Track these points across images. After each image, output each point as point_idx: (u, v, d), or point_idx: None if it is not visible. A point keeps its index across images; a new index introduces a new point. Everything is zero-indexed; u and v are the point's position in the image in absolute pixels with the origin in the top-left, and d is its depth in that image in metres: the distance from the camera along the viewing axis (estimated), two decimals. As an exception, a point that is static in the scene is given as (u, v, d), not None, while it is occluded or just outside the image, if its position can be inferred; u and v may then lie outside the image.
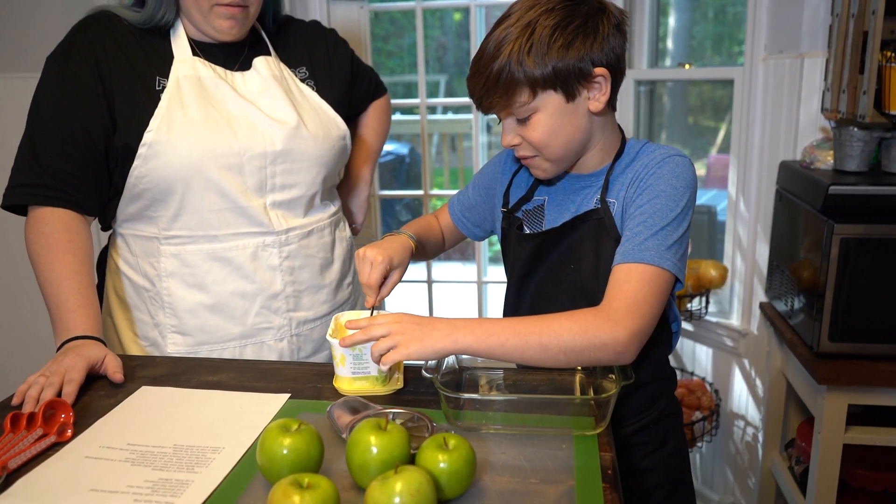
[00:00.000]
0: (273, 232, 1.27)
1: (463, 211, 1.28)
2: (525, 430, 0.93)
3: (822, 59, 1.86)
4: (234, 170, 1.22)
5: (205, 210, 1.22)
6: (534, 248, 1.11)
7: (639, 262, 0.96)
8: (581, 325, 0.92)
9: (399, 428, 0.82)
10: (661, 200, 0.99)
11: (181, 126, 1.19)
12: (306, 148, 1.28)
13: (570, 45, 0.97)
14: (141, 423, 0.97)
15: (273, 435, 0.81)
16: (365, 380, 1.03)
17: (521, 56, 0.96)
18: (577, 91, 1.00)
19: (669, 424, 1.16)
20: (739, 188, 2.12)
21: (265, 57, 1.31)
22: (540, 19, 0.97)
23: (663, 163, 1.02)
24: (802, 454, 1.86)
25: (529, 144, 1.04)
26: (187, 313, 1.26)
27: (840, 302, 1.60)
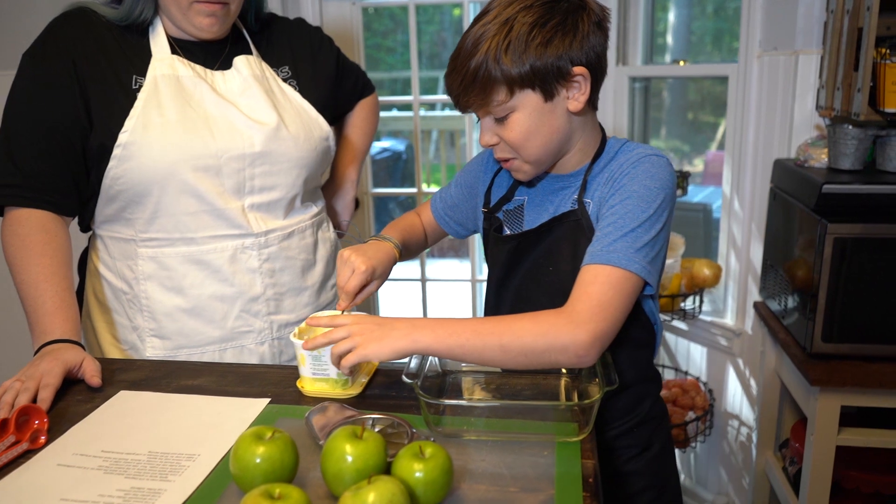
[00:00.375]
0: (252, 234, 1.25)
1: (445, 209, 1.26)
2: (507, 437, 0.91)
3: (816, 56, 1.84)
4: (212, 171, 1.20)
5: (181, 212, 1.20)
6: (511, 249, 1.09)
7: (606, 263, 0.93)
8: (542, 326, 0.90)
9: (375, 436, 0.81)
10: (633, 201, 0.96)
11: (157, 127, 1.17)
12: (286, 149, 1.26)
13: (549, 43, 0.95)
14: (116, 430, 0.95)
15: (246, 443, 0.79)
16: (324, 381, 1.03)
17: (498, 54, 0.94)
18: (555, 90, 0.98)
19: (654, 427, 1.14)
20: (734, 186, 2.10)
21: (246, 56, 1.28)
22: (518, 16, 0.95)
23: (638, 163, 1.00)
24: (796, 455, 1.85)
25: (507, 144, 1.02)
26: (165, 317, 1.24)
27: (833, 302, 1.58)
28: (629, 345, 1.04)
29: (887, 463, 1.75)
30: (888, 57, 1.56)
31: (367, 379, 1.06)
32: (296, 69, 1.35)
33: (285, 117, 1.27)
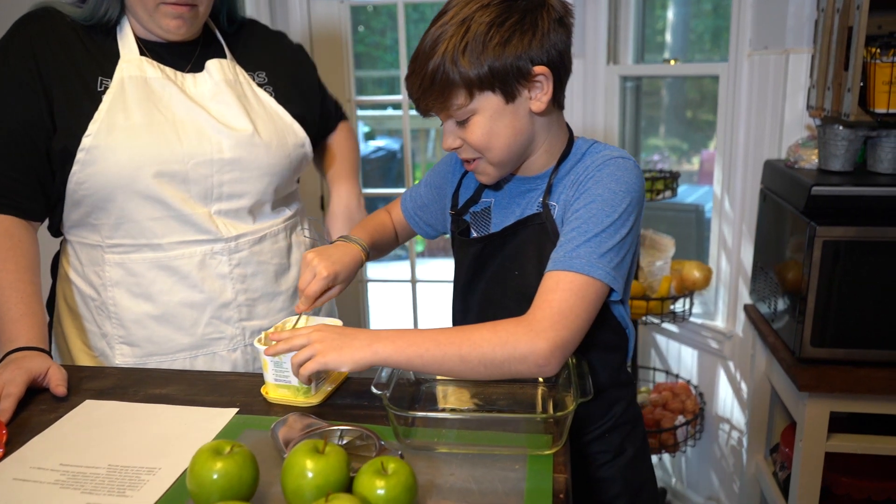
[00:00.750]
0: (221, 239, 1.22)
1: (415, 209, 1.23)
2: (478, 450, 0.89)
3: (807, 55, 1.81)
4: (178, 178, 1.17)
5: (146, 218, 1.17)
6: (476, 252, 1.07)
7: (568, 269, 0.91)
8: (500, 336, 0.88)
9: (338, 450, 0.78)
10: (597, 205, 0.93)
11: (122, 130, 1.13)
12: (257, 156, 1.22)
13: (507, 42, 0.92)
14: (77, 441, 0.93)
15: (203, 458, 0.76)
16: (287, 388, 1.01)
17: (455, 55, 0.91)
18: (516, 91, 0.95)
19: (627, 432, 1.11)
20: (725, 187, 2.08)
21: (219, 60, 1.25)
22: (475, 15, 0.91)
23: (604, 165, 0.96)
24: (786, 460, 1.82)
25: (469, 146, 0.99)
26: (134, 324, 1.21)
27: (823, 306, 1.56)
28: (599, 349, 1.02)
29: (878, 469, 1.72)
30: (878, 56, 1.54)
31: (331, 388, 1.03)
32: (273, 75, 1.31)
33: (258, 123, 1.23)
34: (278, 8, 2.45)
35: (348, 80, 2.53)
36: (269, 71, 1.31)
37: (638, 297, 2.00)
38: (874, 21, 1.59)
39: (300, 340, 0.94)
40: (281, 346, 0.96)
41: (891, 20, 1.61)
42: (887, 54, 1.52)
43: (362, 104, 3.11)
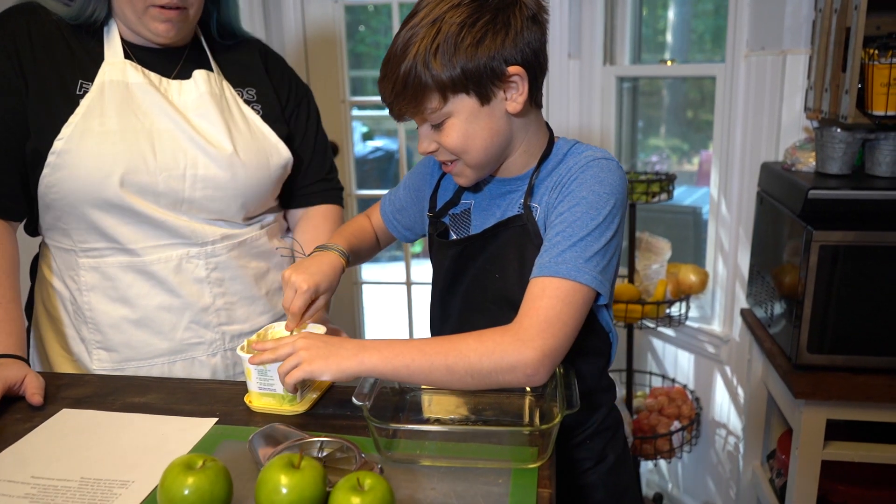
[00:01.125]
0: (196, 243, 1.19)
1: (394, 212, 1.20)
2: (461, 463, 0.86)
3: (805, 56, 1.79)
4: (147, 190, 1.13)
5: (117, 224, 1.14)
6: (455, 255, 1.04)
7: (554, 275, 0.88)
8: (488, 345, 0.86)
9: (314, 465, 0.75)
10: (581, 208, 0.91)
11: (95, 136, 1.10)
12: (234, 176, 1.18)
13: (480, 43, 0.89)
14: (51, 452, 0.90)
15: (174, 473, 0.74)
16: (271, 397, 0.99)
17: (427, 58, 0.89)
18: (491, 93, 0.92)
19: (609, 438, 1.09)
20: (721, 189, 2.05)
21: (206, 71, 1.21)
22: (446, 16, 0.89)
23: (587, 167, 0.94)
24: (783, 467, 1.80)
25: (445, 150, 0.97)
26: (111, 328, 1.18)
27: (819, 312, 1.53)
28: (583, 354, 0.99)
29: (876, 477, 1.70)
30: (877, 58, 1.51)
31: (316, 395, 1.01)
32: (262, 95, 1.27)
33: (238, 141, 1.19)
34: (272, 8, 2.43)
35: (343, 80, 2.50)
36: (260, 90, 1.27)
37: (633, 301, 1.97)
38: (872, 22, 1.56)
39: (286, 350, 0.93)
40: (267, 356, 0.94)
41: (889, 21, 1.59)
42: (885, 55, 1.49)
43: (357, 104, 3.08)
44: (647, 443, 2.04)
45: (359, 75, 4.49)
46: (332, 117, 2.53)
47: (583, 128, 2.30)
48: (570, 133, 2.30)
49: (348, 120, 2.56)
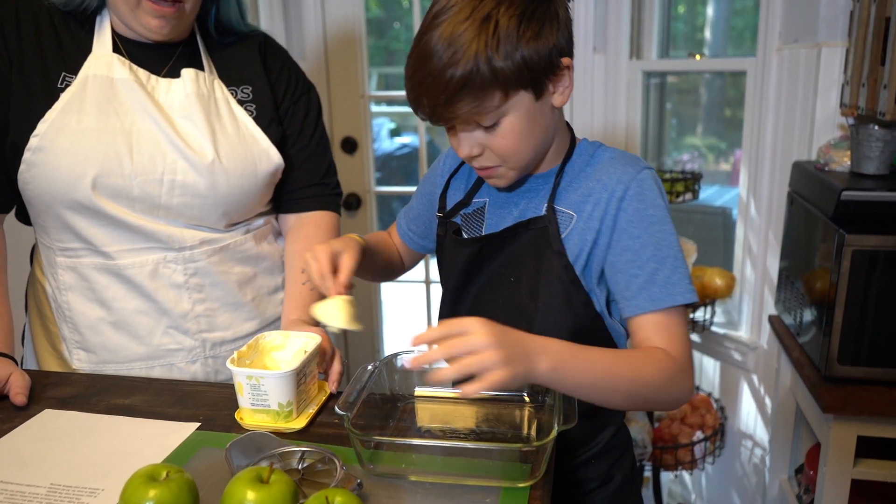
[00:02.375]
0: (173, 248, 1.13)
1: (408, 223, 1.15)
2: (447, 479, 0.81)
3: (841, 49, 1.68)
4: (121, 194, 1.08)
5: (91, 226, 1.09)
6: (471, 254, 0.99)
7: (675, 304, 0.88)
8: (665, 377, 0.84)
9: (284, 479, 0.71)
10: (658, 226, 0.90)
11: (70, 134, 1.05)
12: (213, 184, 1.11)
13: (539, 35, 0.84)
14: (25, 456, 0.87)
15: (135, 485, 0.70)
16: (265, 413, 0.92)
17: (489, 55, 0.81)
18: (545, 86, 0.88)
19: (615, 458, 1.03)
20: (751, 190, 1.96)
21: (196, 70, 1.14)
22: (501, 9, 0.82)
23: (643, 182, 0.90)
24: (811, 483, 1.70)
25: (493, 153, 0.90)
26: (89, 329, 1.14)
27: (851, 322, 1.44)
28: None
29: (911, 496, 1.60)
30: (918, 50, 1.41)
31: (313, 410, 0.96)
32: (259, 93, 1.20)
33: (222, 147, 1.12)
34: (291, 2, 2.39)
35: (362, 73, 2.46)
36: (256, 87, 1.20)
37: (655, 305, 1.89)
38: (915, 12, 1.46)
39: (475, 341, 0.72)
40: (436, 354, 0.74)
41: (933, 11, 1.48)
42: (928, 48, 1.39)
43: (385, 99, 3.04)
44: (667, 453, 1.96)
45: (391, 72, 4.46)
46: (352, 112, 2.49)
47: (608, 124, 2.22)
48: (594, 130, 2.22)
49: (368, 115, 2.52)
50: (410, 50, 0.88)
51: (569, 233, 0.93)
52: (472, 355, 0.71)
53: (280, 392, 0.91)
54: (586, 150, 0.97)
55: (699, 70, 2.34)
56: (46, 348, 1.18)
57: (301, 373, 0.93)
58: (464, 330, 0.73)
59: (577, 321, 0.93)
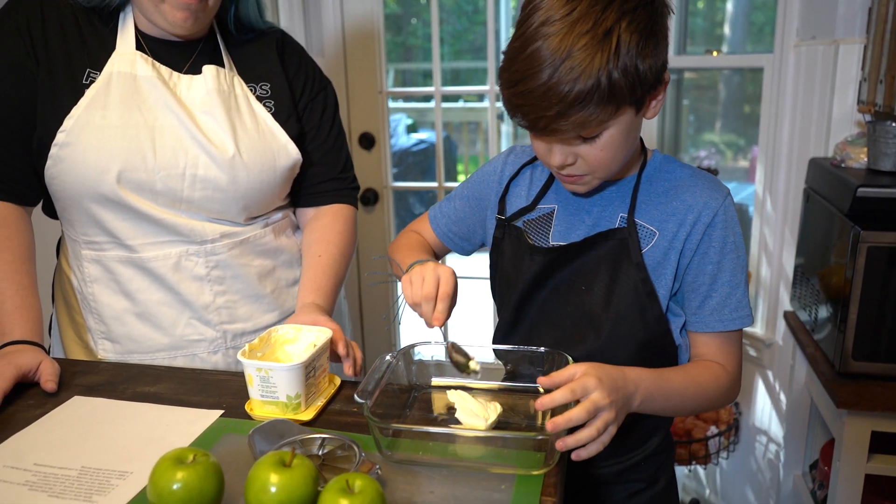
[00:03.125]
0: (195, 241, 1.15)
1: (449, 224, 1.15)
2: (463, 466, 0.83)
3: (859, 46, 1.68)
4: (144, 187, 1.11)
5: (112, 220, 1.12)
6: (545, 262, 0.99)
7: (739, 327, 0.96)
8: (721, 393, 0.95)
9: (305, 463, 0.73)
10: (736, 251, 0.95)
11: (95, 130, 1.08)
12: (234, 178, 1.14)
13: (655, 51, 0.85)
14: (56, 440, 0.90)
15: (164, 467, 0.72)
16: (274, 405, 0.94)
17: (610, 70, 0.81)
18: (646, 100, 0.88)
19: (661, 461, 1.06)
20: (767, 186, 1.96)
21: (216, 66, 1.16)
22: (623, 24, 0.81)
23: (728, 210, 0.94)
24: (825, 479, 1.71)
25: (586, 163, 0.90)
26: (114, 321, 1.17)
27: (866, 318, 1.44)
28: None
29: (926, 493, 1.60)
30: (936, 47, 1.41)
31: (322, 402, 0.98)
32: (277, 89, 1.22)
33: (242, 142, 1.15)
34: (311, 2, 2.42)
35: (380, 69, 2.48)
36: (275, 84, 1.22)
37: (670, 301, 1.90)
38: (933, 8, 1.46)
39: (585, 410, 0.78)
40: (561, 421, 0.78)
41: (952, 7, 1.48)
42: (946, 44, 1.39)
43: (403, 95, 3.06)
44: (681, 447, 1.97)
45: (408, 67, 4.47)
46: (370, 108, 2.52)
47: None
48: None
49: (385, 110, 2.54)
50: (510, 54, 0.86)
51: (650, 248, 0.95)
52: (587, 402, 0.79)
53: (289, 384, 0.93)
54: (660, 164, 0.99)
55: (717, 66, 2.34)
56: (73, 339, 1.21)
57: (310, 366, 0.95)
58: (576, 376, 0.81)
59: (648, 333, 0.96)
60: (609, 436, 0.80)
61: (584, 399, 0.79)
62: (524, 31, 0.84)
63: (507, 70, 0.86)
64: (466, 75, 4.39)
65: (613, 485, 1.04)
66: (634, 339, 0.95)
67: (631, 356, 0.94)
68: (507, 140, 3.21)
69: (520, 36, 0.84)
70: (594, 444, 0.80)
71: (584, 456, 0.80)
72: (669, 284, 0.95)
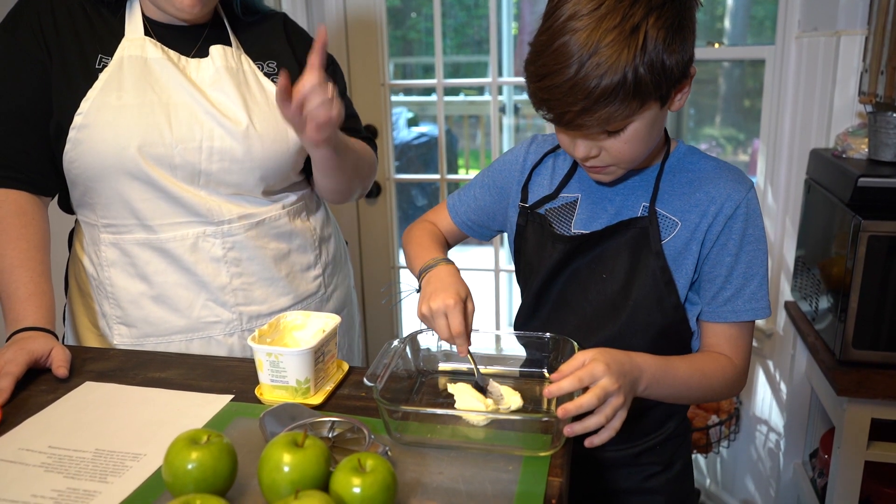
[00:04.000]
0: (213, 222, 1.18)
1: (468, 213, 1.16)
2: (470, 447, 0.84)
3: (861, 37, 1.69)
4: (164, 161, 1.13)
5: (136, 199, 1.15)
6: (567, 250, 1.00)
7: (753, 318, 0.97)
8: (727, 383, 0.96)
9: (317, 444, 0.75)
10: (759, 244, 0.96)
11: (112, 110, 1.11)
12: (249, 149, 1.17)
13: (682, 47, 0.85)
14: (69, 424, 0.92)
15: (178, 448, 0.74)
16: (284, 389, 0.96)
17: (637, 66, 0.81)
18: (672, 94, 0.88)
19: (678, 445, 1.08)
20: (768, 178, 1.97)
21: (223, 46, 1.20)
22: (651, 20, 0.81)
23: (751, 203, 0.95)
24: (825, 466, 1.72)
25: (610, 155, 0.91)
26: (130, 304, 1.19)
27: (867, 306, 1.46)
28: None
29: (925, 480, 1.62)
30: (937, 37, 1.42)
31: (331, 387, 0.99)
32: (285, 66, 1.24)
33: (255, 114, 1.18)
34: (313, -10, 2.42)
35: (383, 62, 2.49)
36: (281, 61, 1.25)
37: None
38: (934, -1, 1.47)
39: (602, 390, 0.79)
40: (572, 407, 0.79)
41: (953, -2, 1.49)
42: (947, 35, 1.40)
43: (403, 88, 3.07)
44: (683, 437, 1.98)
45: (408, 61, 4.46)
46: (372, 101, 2.53)
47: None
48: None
49: (388, 103, 2.55)
50: (536, 47, 0.86)
51: (671, 238, 0.96)
52: (596, 388, 0.80)
53: (298, 369, 0.94)
54: (685, 154, 1.00)
55: (717, 58, 2.35)
56: (87, 326, 1.23)
57: (319, 351, 0.96)
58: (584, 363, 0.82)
59: (665, 321, 0.97)
60: (619, 420, 0.82)
61: (592, 385, 0.80)
62: (551, 24, 0.84)
63: (534, 63, 0.86)
64: (466, 69, 4.38)
65: (630, 468, 1.06)
66: (652, 326, 0.97)
67: (647, 342, 0.96)
68: (508, 133, 3.22)
69: (547, 29, 0.85)
70: (605, 430, 0.81)
71: (596, 443, 0.81)
72: (689, 275, 0.96)
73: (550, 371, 1.00)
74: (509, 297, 3.27)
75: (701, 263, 0.96)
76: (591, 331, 0.99)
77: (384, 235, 2.62)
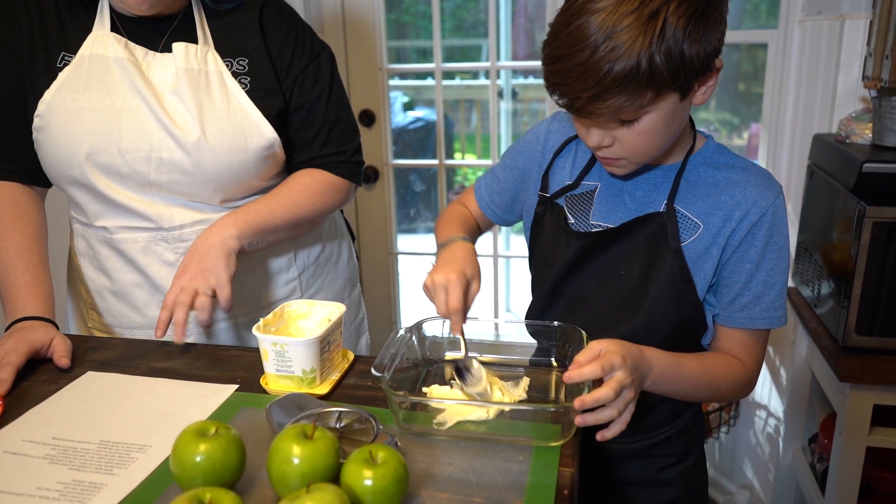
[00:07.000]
0: (164, 228, 1.15)
1: (492, 196, 1.14)
2: (480, 438, 0.84)
3: (865, 21, 1.68)
4: (111, 170, 1.10)
5: (89, 202, 1.14)
6: (582, 247, 0.98)
7: (770, 327, 0.96)
8: (736, 386, 0.96)
9: (327, 436, 0.74)
10: (777, 255, 0.94)
11: (65, 113, 1.08)
12: (199, 161, 1.11)
13: (704, 37, 0.81)
14: (72, 414, 0.91)
15: (187, 439, 0.73)
16: (289, 379, 0.95)
17: (652, 53, 0.78)
18: (693, 86, 0.86)
19: (692, 436, 1.08)
20: (770, 163, 1.96)
21: (186, 44, 1.12)
22: (671, 6, 0.78)
23: (777, 210, 0.93)
24: (825, 451, 1.73)
25: (622, 147, 0.89)
26: (96, 294, 1.21)
27: (870, 292, 1.45)
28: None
29: (924, 465, 1.63)
30: (944, 21, 1.41)
31: (336, 377, 0.99)
32: (256, 64, 1.15)
33: (209, 123, 1.10)
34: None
35: (380, 46, 2.46)
36: (253, 59, 1.16)
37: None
38: (941, -17, 1.45)
39: (612, 389, 0.77)
40: (589, 399, 0.77)
41: (959, -18, 1.48)
42: (954, 19, 1.39)
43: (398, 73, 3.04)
44: (683, 422, 1.99)
45: (402, 45, 4.42)
46: (370, 85, 2.50)
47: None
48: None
49: (385, 88, 2.52)
50: (554, 28, 0.84)
51: (692, 241, 0.94)
52: (612, 381, 0.79)
53: (304, 359, 0.93)
54: (713, 153, 0.97)
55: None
56: (75, 308, 1.25)
57: (325, 340, 0.95)
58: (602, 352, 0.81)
59: (682, 318, 0.96)
60: (629, 414, 0.81)
61: (608, 378, 0.79)
62: (570, 5, 0.82)
63: (549, 45, 0.84)
64: (461, 52, 4.35)
65: (644, 459, 1.05)
66: (668, 323, 0.96)
67: (664, 338, 0.95)
68: (506, 117, 3.19)
69: (565, 10, 0.83)
70: (617, 424, 0.80)
71: (608, 436, 0.81)
72: (708, 278, 0.94)
73: (558, 360, 0.99)
74: (507, 282, 3.27)
75: (720, 268, 0.94)
76: (607, 327, 0.98)
77: (382, 221, 2.61)
